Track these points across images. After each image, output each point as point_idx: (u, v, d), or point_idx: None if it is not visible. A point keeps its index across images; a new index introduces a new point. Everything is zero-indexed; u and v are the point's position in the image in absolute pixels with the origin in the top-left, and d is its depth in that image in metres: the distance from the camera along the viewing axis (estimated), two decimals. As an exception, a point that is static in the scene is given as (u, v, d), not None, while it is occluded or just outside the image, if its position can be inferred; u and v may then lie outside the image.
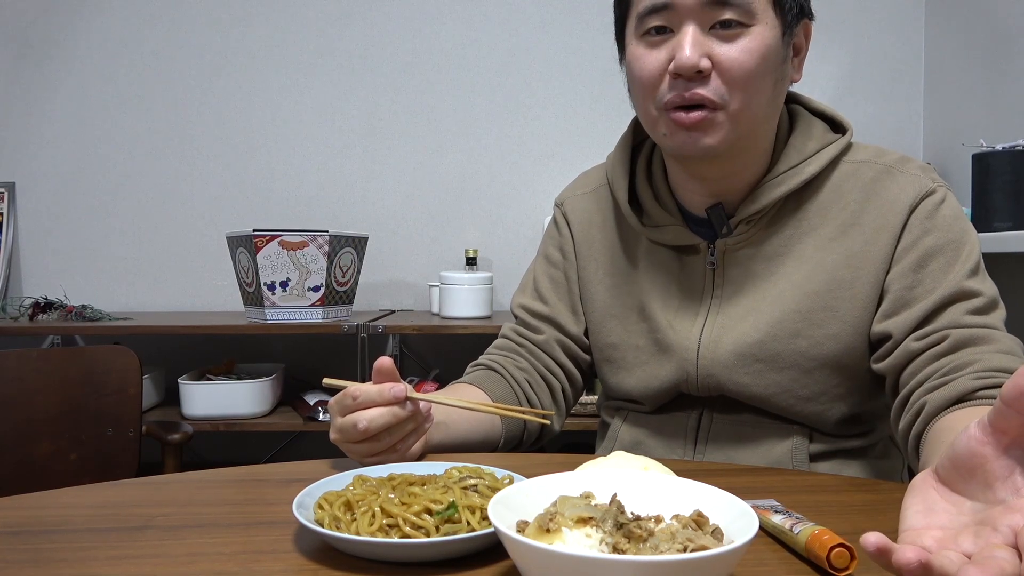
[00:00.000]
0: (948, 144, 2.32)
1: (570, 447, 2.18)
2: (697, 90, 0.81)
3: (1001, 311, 0.84)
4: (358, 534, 0.57)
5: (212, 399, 1.99)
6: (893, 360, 0.83)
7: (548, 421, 0.94)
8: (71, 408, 1.37)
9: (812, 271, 0.88)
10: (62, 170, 2.43)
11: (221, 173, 2.45)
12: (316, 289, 2.02)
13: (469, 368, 1.05)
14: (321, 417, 2.00)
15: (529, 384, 1.01)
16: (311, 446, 2.41)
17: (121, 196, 2.44)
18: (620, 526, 0.50)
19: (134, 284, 2.45)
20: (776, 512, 0.61)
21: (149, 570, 0.56)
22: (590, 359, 1.06)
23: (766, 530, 0.61)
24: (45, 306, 2.18)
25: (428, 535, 0.57)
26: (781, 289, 0.89)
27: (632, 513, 0.52)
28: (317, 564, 0.56)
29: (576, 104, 2.44)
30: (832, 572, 0.53)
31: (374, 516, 0.58)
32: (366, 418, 0.74)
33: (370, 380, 0.79)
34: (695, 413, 0.95)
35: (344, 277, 2.08)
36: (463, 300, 2.14)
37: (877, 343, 0.86)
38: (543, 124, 2.46)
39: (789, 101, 0.94)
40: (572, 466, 0.62)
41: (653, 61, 0.83)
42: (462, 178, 2.47)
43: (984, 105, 2.15)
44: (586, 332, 1.04)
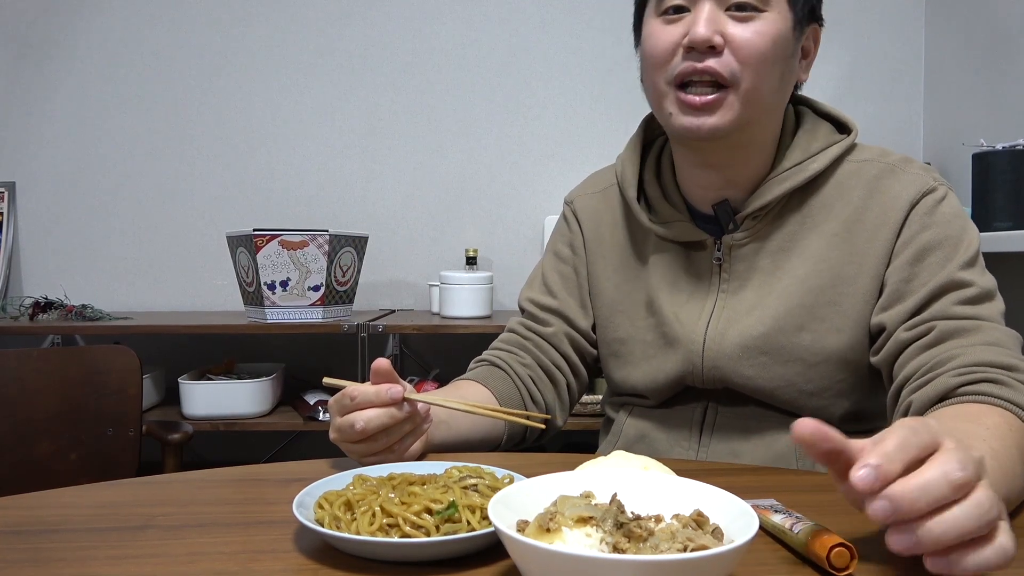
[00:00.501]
0: (948, 144, 2.31)
1: (571, 447, 2.18)
2: (709, 63, 0.83)
3: (996, 303, 0.84)
4: (358, 534, 0.57)
5: (212, 399, 1.99)
6: (886, 352, 0.85)
7: (544, 426, 0.94)
8: (71, 408, 1.37)
9: (816, 266, 0.89)
10: (62, 170, 2.43)
11: (221, 173, 2.45)
12: (316, 289, 2.02)
13: (472, 364, 1.06)
14: (321, 417, 2.00)
15: (532, 380, 1.02)
16: (311, 446, 2.41)
17: (121, 196, 2.44)
18: (620, 526, 0.50)
19: (134, 284, 2.45)
20: (776, 512, 0.62)
21: (149, 570, 0.56)
22: (596, 354, 1.07)
23: (766, 530, 0.61)
24: (45, 306, 2.18)
25: (428, 535, 0.57)
26: (786, 284, 0.90)
27: (632, 513, 0.52)
28: (317, 564, 0.56)
29: (576, 104, 2.44)
30: (832, 572, 0.53)
31: (374, 516, 0.58)
32: (363, 419, 0.75)
33: (369, 380, 0.79)
34: (700, 406, 0.96)
35: (344, 277, 2.08)
36: (463, 300, 2.14)
37: (874, 336, 0.88)
38: (543, 124, 2.46)
39: (797, 102, 0.97)
40: (572, 466, 0.63)
41: (668, 35, 0.86)
42: (462, 178, 2.47)
43: (984, 105, 2.15)
44: (593, 327, 1.06)
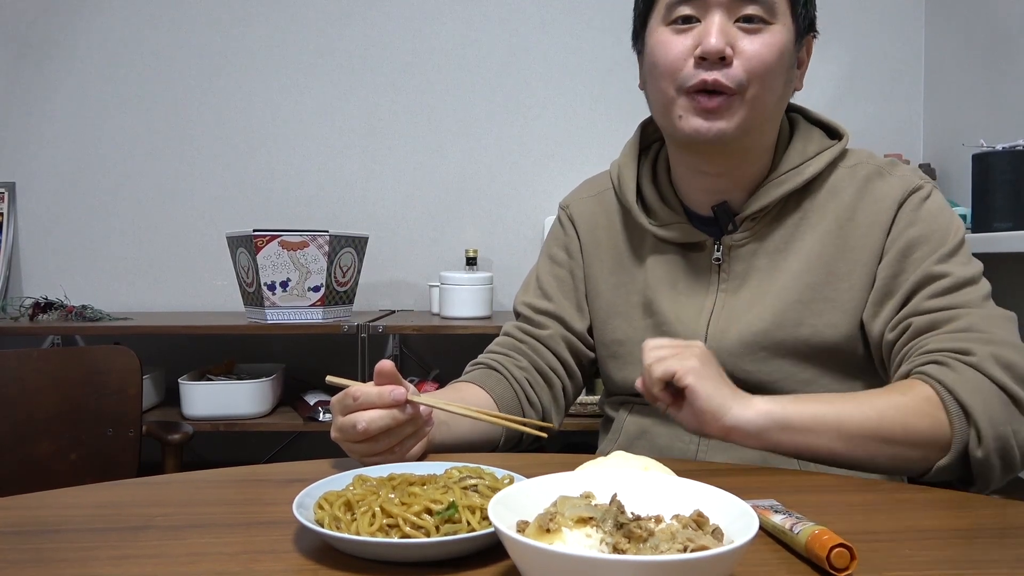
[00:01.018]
0: (948, 144, 2.32)
1: (570, 447, 2.18)
2: (718, 76, 0.86)
3: (977, 288, 0.86)
4: (358, 534, 0.57)
5: (212, 399, 1.99)
6: (877, 356, 0.91)
7: (546, 435, 0.93)
8: (71, 408, 1.37)
9: (812, 263, 0.92)
10: (62, 170, 2.43)
11: (221, 173, 2.45)
12: (316, 289, 2.02)
13: (468, 367, 1.05)
14: (321, 417, 2.00)
15: (529, 383, 1.02)
16: (311, 446, 2.41)
17: (121, 196, 2.44)
18: (620, 526, 0.50)
19: (134, 284, 2.45)
20: (776, 512, 0.62)
21: (150, 570, 0.56)
22: (593, 356, 1.08)
23: (766, 530, 0.61)
24: (45, 306, 2.18)
25: (428, 535, 0.57)
26: (783, 281, 0.93)
27: (632, 513, 0.52)
28: (317, 564, 0.56)
29: (576, 104, 2.44)
30: (832, 572, 0.53)
31: (374, 516, 0.58)
32: (365, 419, 0.75)
33: (371, 381, 0.79)
34: None
35: (344, 277, 2.08)
36: (463, 300, 2.14)
37: (868, 340, 0.92)
38: (543, 124, 2.46)
39: (789, 111, 1.00)
40: (572, 466, 0.63)
41: (679, 45, 0.88)
42: (462, 178, 2.47)
43: (984, 105, 2.15)
44: (590, 330, 1.06)
